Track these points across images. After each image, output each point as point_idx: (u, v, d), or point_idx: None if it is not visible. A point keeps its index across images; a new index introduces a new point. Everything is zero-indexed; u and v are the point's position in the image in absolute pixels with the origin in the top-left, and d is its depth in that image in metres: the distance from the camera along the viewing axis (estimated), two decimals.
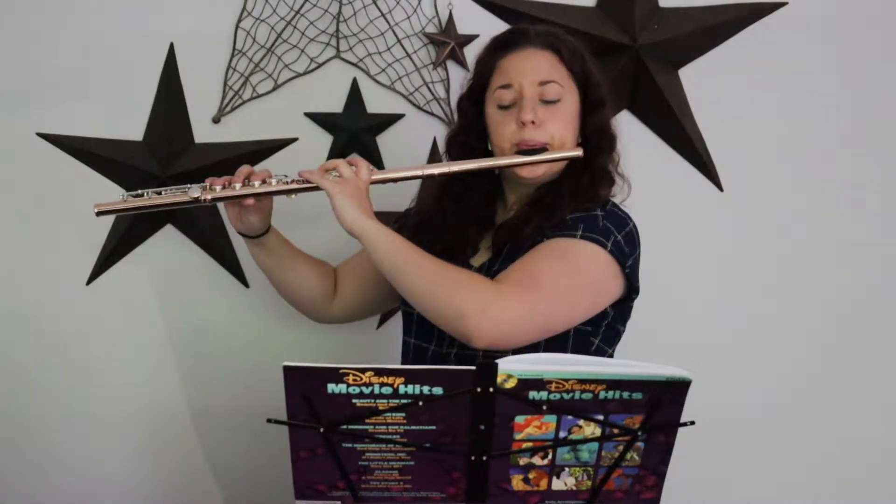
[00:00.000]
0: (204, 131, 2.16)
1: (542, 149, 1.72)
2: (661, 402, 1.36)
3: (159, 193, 1.75)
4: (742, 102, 2.31)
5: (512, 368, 1.34)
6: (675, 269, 2.32)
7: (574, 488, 1.45)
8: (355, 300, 1.94)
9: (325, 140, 2.20)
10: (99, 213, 1.76)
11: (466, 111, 1.84)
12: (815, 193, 2.35)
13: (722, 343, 2.34)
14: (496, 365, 1.33)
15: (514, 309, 1.57)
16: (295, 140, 2.17)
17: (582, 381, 1.35)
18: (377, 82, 2.20)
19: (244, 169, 1.77)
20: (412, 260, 1.63)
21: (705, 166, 2.30)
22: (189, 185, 1.73)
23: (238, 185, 1.74)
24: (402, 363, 1.83)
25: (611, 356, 1.76)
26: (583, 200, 1.73)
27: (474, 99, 1.83)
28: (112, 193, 2.12)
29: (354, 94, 2.19)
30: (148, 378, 2.22)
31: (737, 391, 2.34)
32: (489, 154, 1.79)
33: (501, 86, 1.76)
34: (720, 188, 2.31)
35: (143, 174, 2.13)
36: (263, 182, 1.74)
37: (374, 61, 2.20)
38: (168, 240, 2.19)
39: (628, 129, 2.27)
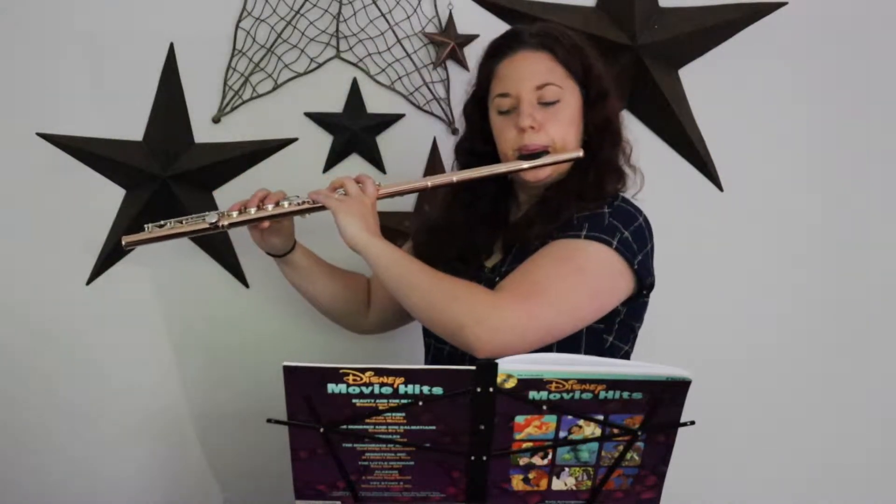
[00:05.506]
0: (204, 131, 2.16)
1: (543, 152, 1.73)
2: (661, 402, 1.37)
3: (181, 222, 1.80)
4: (742, 102, 2.30)
5: (512, 368, 1.34)
6: (674, 269, 2.32)
7: (574, 488, 1.45)
8: (388, 310, 1.95)
9: (325, 140, 2.20)
10: (127, 246, 1.83)
11: (471, 117, 1.86)
12: (815, 193, 2.35)
13: (722, 343, 2.34)
14: (496, 365, 1.33)
15: (510, 318, 1.56)
16: (295, 140, 2.17)
17: (582, 381, 1.35)
18: (377, 82, 2.20)
19: (259, 192, 1.81)
20: (411, 275, 1.64)
21: (705, 166, 2.30)
22: (207, 213, 1.80)
23: (253, 210, 1.78)
24: (425, 363, 1.83)
25: (627, 354, 1.75)
26: (590, 198, 1.72)
27: (477, 104, 1.84)
28: (113, 193, 2.16)
29: (354, 94, 2.19)
30: (147, 378, 2.22)
31: (737, 391, 2.34)
32: (496, 158, 1.80)
33: (500, 94, 1.76)
34: (720, 188, 2.31)
35: (143, 174, 2.13)
36: (277, 205, 1.78)
37: (374, 61, 2.20)
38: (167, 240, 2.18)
39: (628, 129, 2.28)
